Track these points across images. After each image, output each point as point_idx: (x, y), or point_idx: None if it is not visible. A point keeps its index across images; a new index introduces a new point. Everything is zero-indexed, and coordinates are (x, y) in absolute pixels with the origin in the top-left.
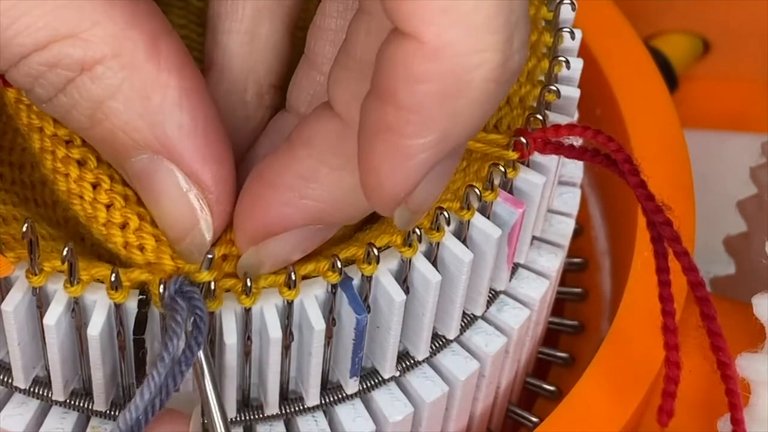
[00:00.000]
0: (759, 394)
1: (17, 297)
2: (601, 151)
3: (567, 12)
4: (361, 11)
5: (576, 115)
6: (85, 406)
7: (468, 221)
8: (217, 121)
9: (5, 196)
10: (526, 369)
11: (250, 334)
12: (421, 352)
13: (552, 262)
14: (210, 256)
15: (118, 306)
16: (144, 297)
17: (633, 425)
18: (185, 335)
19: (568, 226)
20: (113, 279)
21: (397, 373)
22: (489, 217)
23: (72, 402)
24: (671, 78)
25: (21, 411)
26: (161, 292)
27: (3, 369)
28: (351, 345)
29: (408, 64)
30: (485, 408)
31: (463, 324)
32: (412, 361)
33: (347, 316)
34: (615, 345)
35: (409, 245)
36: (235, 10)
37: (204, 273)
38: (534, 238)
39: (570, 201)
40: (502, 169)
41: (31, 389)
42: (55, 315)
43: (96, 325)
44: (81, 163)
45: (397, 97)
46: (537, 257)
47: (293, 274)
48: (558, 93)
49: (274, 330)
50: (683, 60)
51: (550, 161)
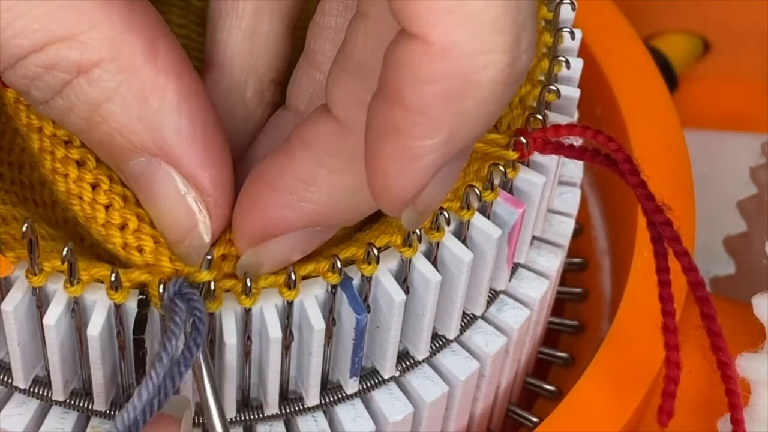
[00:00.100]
0: (759, 394)
1: (17, 297)
2: (601, 151)
3: (567, 12)
4: (359, 14)
5: (576, 115)
6: (85, 406)
7: (468, 221)
8: (216, 124)
9: (5, 196)
10: (526, 369)
11: (250, 334)
12: (421, 352)
13: (552, 262)
14: (209, 257)
15: (118, 306)
16: (144, 297)
17: (633, 425)
18: (184, 336)
19: (568, 226)
20: (113, 279)
21: (397, 373)
22: (489, 217)
23: (72, 402)
24: (671, 78)
25: (21, 411)
26: (161, 293)
27: (3, 369)
28: (351, 345)
29: (415, 65)
30: (485, 408)
31: (463, 324)
32: (412, 361)
33: (347, 316)
34: (615, 345)
35: (409, 245)
36: (236, 7)
37: (204, 273)
38: (534, 238)
39: (570, 201)
40: (502, 169)
41: (31, 389)
42: (55, 315)
43: (96, 325)
44: (80, 164)
45: (404, 98)
46: (537, 257)
47: (293, 274)
48: (558, 93)
49: (274, 330)
50: (683, 60)
51: (550, 161)
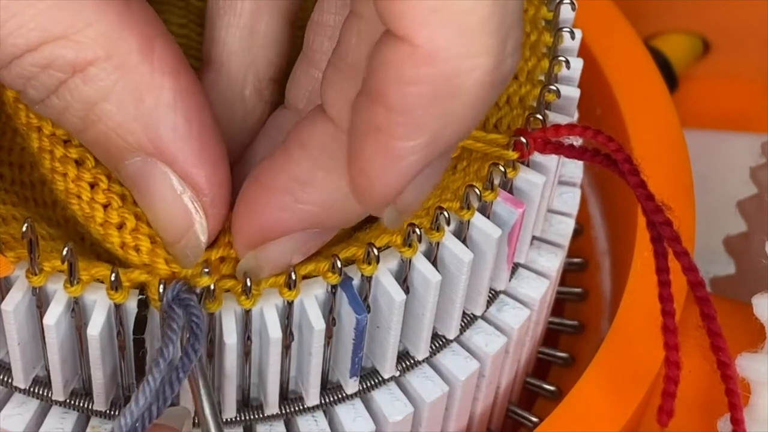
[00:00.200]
0: (759, 394)
1: (17, 297)
2: (601, 151)
3: (567, 12)
4: (353, 14)
5: (576, 115)
6: (85, 406)
7: (468, 221)
8: (212, 124)
9: (5, 196)
10: (526, 369)
11: (250, 334)
12: (421, 352)
13: (552, 262)
14: (206, 269)
15: (118, 306)
16: (144, 297)
17: (633, 425)
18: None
19: (568, 226)
20: (113, 279)
21: (397, 373)
22: (489, 217)
23: (72, 402)
24: (671, 78)
25: (21, 411)
26: (160, 293)
27: (3, 369)
28: (351, 345)
29: (399, 66)
30: (485, 408)
31: (463, 324)
32: (412, 361)
33: (347, 316)
34: (615, 345)
35: (409, 245)
36: (234, 5)
37: (204, 278)
38: (534, 238)
39: (570, 201)
40: (502, 169)
41: (31, 389)
42: (55, 315)
43: (96, 325)
44: (79, 163)
45: (388, 99)
46: (537, 257)
47: (293, 274)
48: (558, 93)
49: (274, 330)
50: (683, 60)
51: (550, 161)
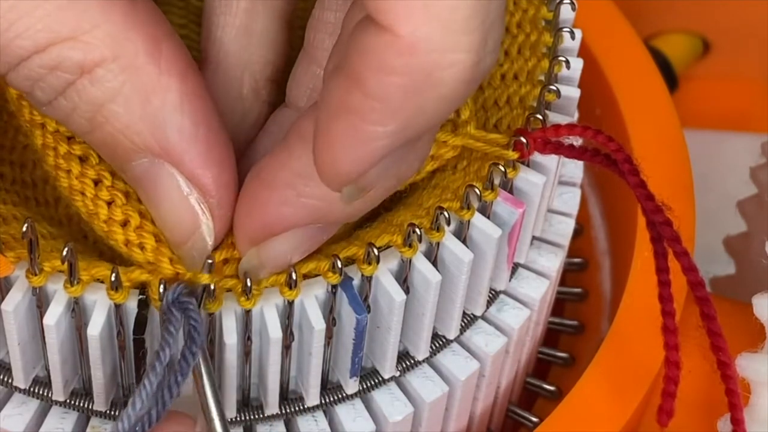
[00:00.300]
0: (759, 394)
1: (17, 297)
2: (601, 151)
3: (567, 12)
4: (354, 5)
5: (576, 115)
6: (85, 406)
7: (468, 221)
8: (219, 125)
9: (5, 195)
10: (526, 369)
11: (250, 334)
12: (421, 352)
13: (552, 262)
14: (210, 261)
15: (118, 306)
16: (144, 297)
17: (633, 425)
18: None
19: (568, 226)
20: (113, 279)
21: (397, 373)
22: (489, 217)
23: (72, 402)
24: (671, 78)
25: (21, 411)
26: (161, 293)
27: (3, 369)
28: (351, 345)
29: (380, 54)
30: (485, 408)
31: (463, 324)
32: (412, 361)
33: (347, 316)
34: (615, 345)
35: (410, 245)
36: (229, 5)
37: (204, 276)
38: (534, 238)
39: (570, 201)
40: (502, 169)
41: (31, 389)
42: (55, 315)
43: (96, 325)
44: (83, 160)
45: (367, 85)
46: (537, 257)
47: (294, 273)
48: (558, 93)
49: (274, 330)
50: (683, 60)
51: (550, 161)
